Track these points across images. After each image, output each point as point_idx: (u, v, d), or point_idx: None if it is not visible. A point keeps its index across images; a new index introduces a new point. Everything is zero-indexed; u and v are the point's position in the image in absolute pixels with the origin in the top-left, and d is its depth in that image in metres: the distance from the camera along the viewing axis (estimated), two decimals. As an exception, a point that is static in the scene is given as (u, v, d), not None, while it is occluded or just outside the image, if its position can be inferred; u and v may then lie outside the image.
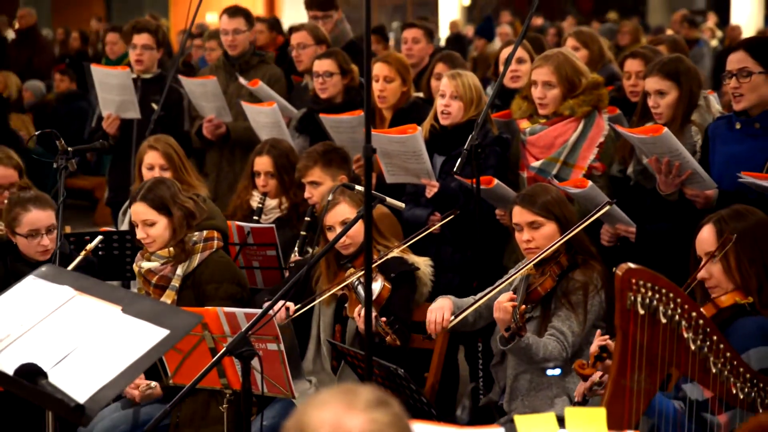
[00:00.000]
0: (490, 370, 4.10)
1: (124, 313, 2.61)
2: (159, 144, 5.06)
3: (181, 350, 3.74)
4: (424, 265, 4.30)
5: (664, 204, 4.29)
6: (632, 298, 2.77)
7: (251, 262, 4.87)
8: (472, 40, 15.24)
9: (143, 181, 4.44)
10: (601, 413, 2.27)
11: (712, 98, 4.67)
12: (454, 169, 4.27)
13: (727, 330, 3.05)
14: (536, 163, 4.68)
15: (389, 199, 3.75)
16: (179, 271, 4.20)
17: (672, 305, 2.79)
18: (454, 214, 4.30)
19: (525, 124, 4.78)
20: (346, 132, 5.36)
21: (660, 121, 4.48)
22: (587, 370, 3.17)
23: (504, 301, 3.69)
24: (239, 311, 3.64)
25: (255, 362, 3.32)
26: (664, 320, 2.78)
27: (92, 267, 4.58)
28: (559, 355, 3.74)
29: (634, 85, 5.39)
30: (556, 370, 3.74)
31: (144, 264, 4.24)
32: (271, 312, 3.40)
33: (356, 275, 4.12)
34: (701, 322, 2.82)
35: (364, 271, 3.31)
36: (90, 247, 4.37)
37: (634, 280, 2.77)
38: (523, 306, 3.66)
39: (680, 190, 4.24)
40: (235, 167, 6.09)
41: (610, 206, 3.94)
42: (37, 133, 4.29)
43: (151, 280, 4.22)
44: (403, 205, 4.00)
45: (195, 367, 3.63)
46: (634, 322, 2.78)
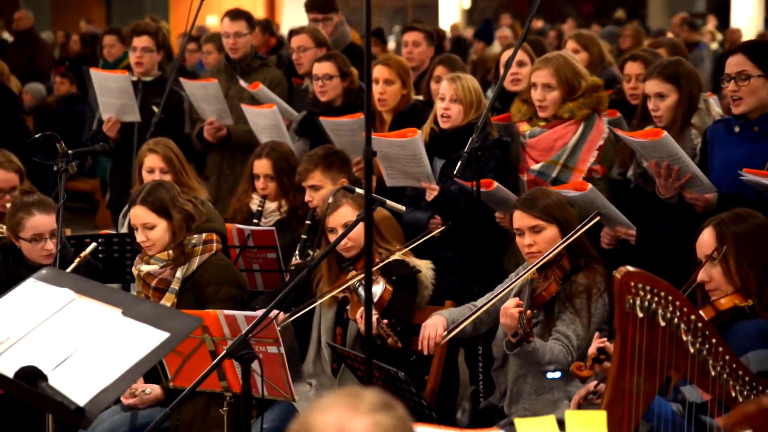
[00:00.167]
0: (491, 374, 4.10)
1: (124, 316, 2.61)
2: (159, 147, 5.05)
3: (182, 353, 3.74)
4: (425, 268, 4.30)
5: (664, 207, 4.29)
6: (631, 301, 2.77)
7: (251, 265, 4.87)
8: (471, 43, 15.23)
9: (143, 185, 4.44)
10: (601, 416, 2.28)
11: (712, 101, 4.67)
12: (455, 172, 4.26)
13: (727, 333, 3.05)
14: (536, 166, 4.68)
15: (389, 202, 3.75)
16: (179, 274, 4.20)
17: (671, 308, 2.79)
18: (447, 225, 4.31)
19: (524, 127, 4.78)
20: (346, 135, 5.35)
21: (660, 124, 4.48)
22: (585, 372, 3.17)
23: (510, 307, 3.67)
24: (239, 314, 3.64)
25: (255, 365, 3.31)
26: (663, 323, 2.78)
27: (96, 272, 4.58)
28: (565, 359, 3.73)
29: (634, 88, 5.40)
30: (557, 373, 3.74)
31: (143, 267, 4.24)
32: (271, 315, 3.40)
33: (357, 277, 4.12)
34: (700, 325, 2.82)
35: (365, 275, 3.31)
36: (84, 254, 4.35)
37: (633, 283, 2.77)
38: (529, 312, 3.64)
39: (680, 194, 4.25)
40: (236, 170, 6.08)
41: (598, 217, 3.91)
42: (37, 136, 4.29)
43: (150, 283, 4.22)
44: (404, 208, 3.99)
45: (195, 370, 3.63)
46: (633, 325, 2.78)
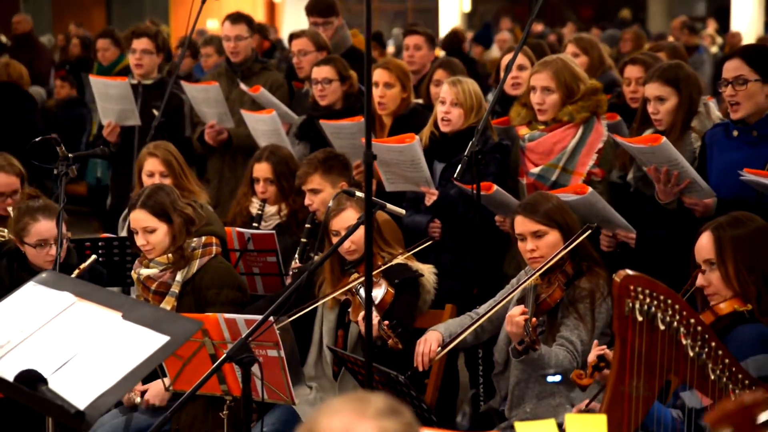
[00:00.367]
0: (491, 379, 4.09)
1: (124, 320, 2.61)
2: (159, 151, 5.05)
3: (182, 356, 3.74)
4: (428, 272, 4.30)
5: (664, 211, 4.29)
6: (630, 304, 2.76)
7: (251, 269, 4.87)
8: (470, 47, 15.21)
9: (142, 188, 4.43)
10: (601, 420, 2.28)
11: (712, 105, 4.67)
12: (454, 176, 4.26)
13: (726, 338, 3.03)
14: (535, 170, 4.67)
15: (390, 206, 3.74)
16: (179, 278, 4.20)
17: (670, 312, 2.78)
18: (428, 243, 4.30)
19: (524, 131, 4.78)
20: (346, 138, 5.35)
21: (660, 128, 4.48)
22: (585, 381, 3.15)
23: (516, 315, 3.63)
24: (239, 317, 3.63)
25: (255, 368, 3.31)
26: (662, 327, 2.78)
27: (101, 278, 4.57)
28: (570, 365, 3.70)
29: (634, 92, 5.39)
30: (557, 377, 3.72)
31: (143, 271, 4.24)
32: (271, 318, 3.40)
33: (359, 280, 4.12)
34: (699, 328, 2.82)
35: (365, 278, 3.31)
36: (84, 266, 4.35)
37: (632, 287, 2.77)
38: (534, 319, 3.61)
39: (679, 199, 4.24)
40: (237, 173, 6.08)
41: (590, 231, 3.87)
42: (37, 139, 4.29)
43: (150, 287, 4.21)
44: (404, 212, 3.99)
45: (195, 374, 3.63)
46: (633, 329, 2.77)
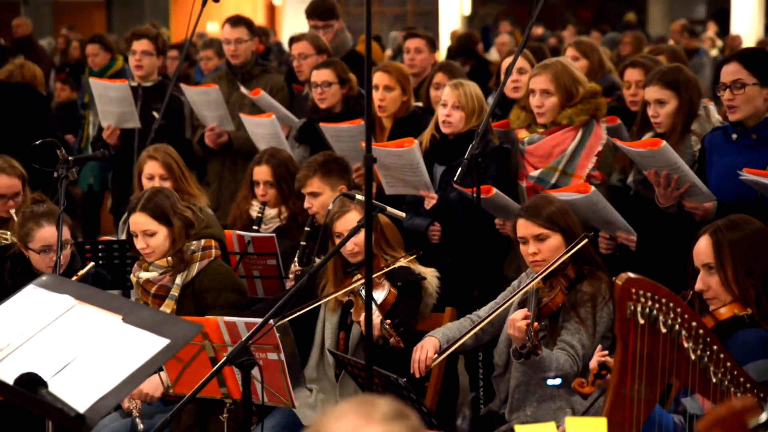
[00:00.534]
0: (491, 381, 4.09)
1: (124, 323, 2.61)
2: (158, 154, 5.05)
3: (182, 360, 3.74)
4: (430, 276, 4.30)
5: (664, 214, 4.29)
6: (632, 307, 2.76)
7: (251, 272, 4.87)
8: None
9: (142, 191, 4.43)
10: (601, 423, 2.27)
11: (712, 108, 4.67)
12: (454, 179, 4.26)
13: (726, 342, 3.02)
14: (535, 173, 4.67)
15: (390, 209, 3.73)
16: (178, 281, 4.20)
17: (672, 315, 2.78)
18: (417, 254, 4.28)
19: (523, 134, 4.78)
20: (346, 141, 5.35)
21: (660, 131, 4.48)
22: (587, 389, 3.12)
23: (518, 320, 3.62)
24: (239, 320, 3.63)
25: (255, 372, 3.31)
26: (664, 330, 2.77)
27: (105, 282, 4.57)
28: (570, 369, 3.70)
29: (634, 95, 5.39)
30: (557, 380, 3.72)
31: (142, 274, 4.24)
32: (272, 322, 3.40)
33: (362, 281, 4.12)
34: (701, 331, 2.81)
35: (365, 279, 3.32)
36: (81, 273, 4.34)
37: (634, 290, 2.76)
38: (536, 324, 3.60)
39: (679, 203, 4.24)
40: (237, 176, 6.08)
41: (587, 239, 3.84)
42: (37, 142, 4.29)
43: (149, 290, 4.21)
44: (404, 215, 3.99)
45: (195, 377, 3.63)
46: (634, 332, 2.77)
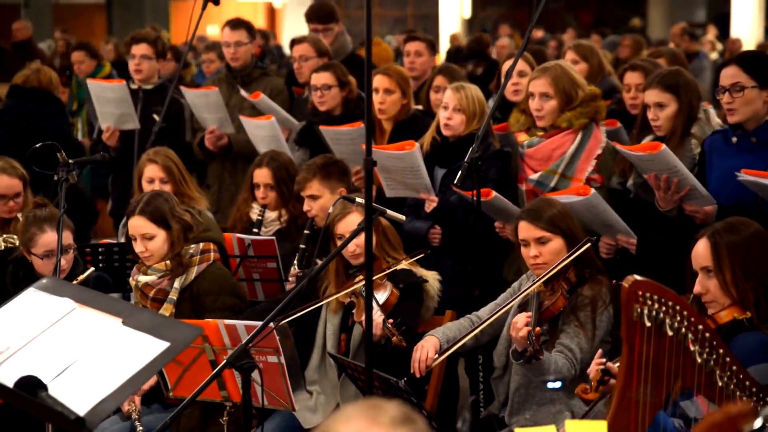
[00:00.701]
0: (490, 382, 4.09)
1: (124, 326, 2.61)
2: (158, 157, 5.05)
3: (182, 363, 3.74)
4: (432, 279, 4.29)
5: (664, 217, 4.29)
6: (639, 310, 2.74)
7: (252, 275, 4.86)
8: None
9: (140, 195, 4.43)
10: (601, 426, 2.27)
11: (712, 111, 4.68)
12: (455, 182, 4.26)
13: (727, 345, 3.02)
14: (534, 176, 4.67)
15: (390, 212, 3.73)
16: (177, 284, 4.19)
17: (678, 318, 2.76)
18: (425, 254, 4.28)
19: (523, 137, 4.77)
20: (346, 144, 5.35)
21: (659, 134, 4.48)
22: (590, 395, 3.09)
23: (520, 325, 3.60)
24: (239, 323, 3.63)
25: (255, 375, 3.31)
26: (670, 333, 2.76)
27: (107, 286, 4.56)
28: (568, 372, 3.70)
29: (634, 98, 5.40)
30: (557, 383, 3.72)
31: (141, 278, 4.23)
32: (272, 325, 3.40)
33: (363, 283, 4.12)
34: (707, 335, 2.80)
35: (365, 282, 3.32)
36: (81, 278, 4.34)
37: (641, 293, 2.75)
38: (538, 328, 3.59)
39: (679, 206, 4.24)
40: (237, 179, 6.07)
41: (589, 244, 3.83)
42: (38, 146, 4.29)
43: (148, 294, 4.21)
44: (404, 218, 3.99)
45: (195, 380, 3.63)
46: (641, 335, 2.75)
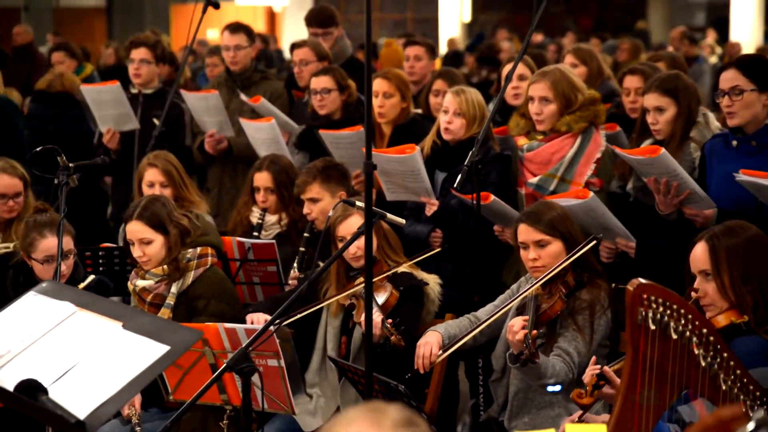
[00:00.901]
0: (489, 385, 4.09)
1: (124, 329, 2.61)
2: (159, 161, 5.05)
3: (182, 366, 3.74)
4: (433, 282, 4.30)
5: (664, 221, 4.29)
6: (643, 313, 2.74)
7: (252, 278, 4.87)
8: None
9: (138, 200, 4.43)
10: (601, 430, 2.27)
11: (711, 114, 4.68)
12: (454, 185, 4.26)
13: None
14: (533, 180, 4.68)
15: (390, 215, 3.73)
16: (173, 289, 4.19)
17: (683, 321, 2.76)
18: (440, 249, 4.29)
19: (522, 141, 4.78)
20: (345, 148, 5.35)
21: (658, 137, 4.49)
22: (586, 400, 3.09)
23: (517, 328, 3.60)
24: (240, 327, 3.64)
25: (255, 378, 3.30)
26: (675, 336, 2.76)
27: (108, 291, 4.57)
28: (566, 376, 3.70)
29: (634, 102, 5.40)
30: (557, 387, 3.72)
31: (138, 282, 4.23)
32: (272, 328, 3.41)
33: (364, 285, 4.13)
34: (712, 338, 2.80)
35: (365, 284, 3.33)
36: (82, 286, 4.34)
37: (646, 296, 2.75)
38: (535, 331, 3.59)
39: (679, 210, 4.24)
40: (237, 182, 6.08)
41: (595, 242, 3.84)
42: (38, 149, 4.29)
43: (145, 299, 4.21)
44: (404, 222, 3.99)
45: (195, 383, 3.63)
46: (645, 338, 2.75)
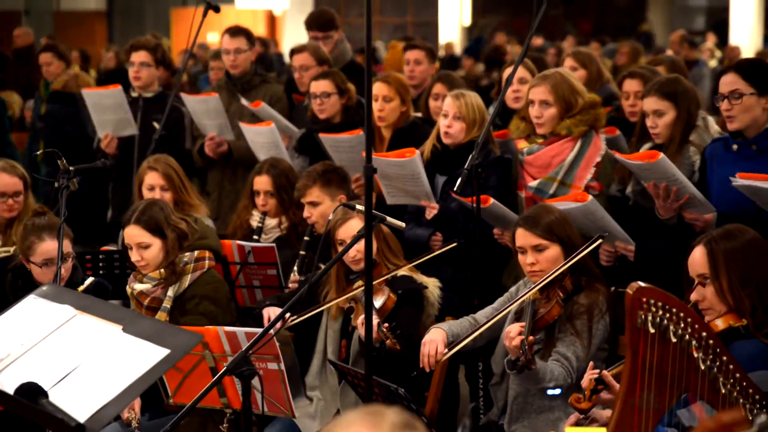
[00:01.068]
0: (489, 389, 4.09)
1: (124, 333, 2.61)
2: (159, 165, 5.06)
3: (182, 369, 3.74)
4: (432, 285, 4.30)
5: (663, 225, 4.29)
6: (643, 316, 2.74)
7: (252, 282, 4.87)
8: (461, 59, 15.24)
9: (136, 204, 4.44)
10: (600, 432, 2.28)
11: (711, 118, 4.68)
12: (454, 189, 4.27)
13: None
14: (533, 183, 4.68)
15: (390, 219, 3.74)
16: (170, 293, 4.19)
17: (682, 325, 2.76)
18: (455, 243, 4.28)
19: (522, 144, 4.78)
20: (345, 151, 5.36)
21: (658, 141, 4.49)
22: (584, 404, 3.10)
23: (513, 334, 3.60)
24: (240, 330, 3.64)
25: (255, 381, 3.31)
26: (674, 339, 2.76)
27: (107, 293, 4.57)
28: (564, 381, 3.69)
29: (633, 106, 5.40)
30: (557, 390, 3.72)
31: (136, 286, 4.24)
32: (272, 331, 3.41)
33: (362, 288, 4.12)
34: (711, 342, 2.80)
35: (365, 288, 3.33)
36: (81, 289, 4.34)
37: (645, 299, 2.75)
38: (531, 338, 3.59)
39: (679, 214, 4.24)
40: (237, 186, 6.08)
41: (600, 240, 3.84)
42: (39, 152, 4.30)
43: (143, 302, 4.21)
44: (404, 225, 3.99)
45: (195, 387, 3.63)
46: (644, 341, 2.75)
